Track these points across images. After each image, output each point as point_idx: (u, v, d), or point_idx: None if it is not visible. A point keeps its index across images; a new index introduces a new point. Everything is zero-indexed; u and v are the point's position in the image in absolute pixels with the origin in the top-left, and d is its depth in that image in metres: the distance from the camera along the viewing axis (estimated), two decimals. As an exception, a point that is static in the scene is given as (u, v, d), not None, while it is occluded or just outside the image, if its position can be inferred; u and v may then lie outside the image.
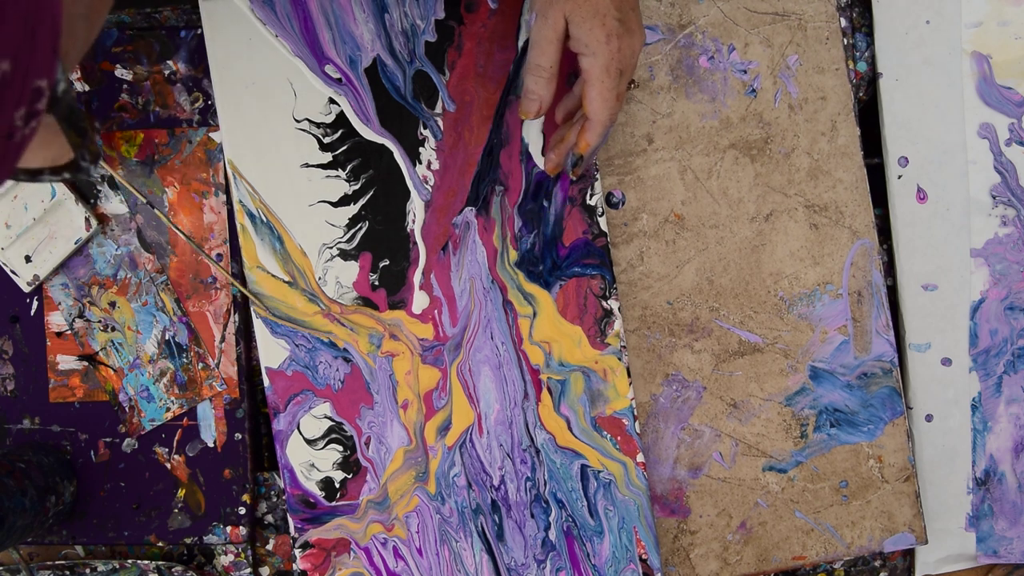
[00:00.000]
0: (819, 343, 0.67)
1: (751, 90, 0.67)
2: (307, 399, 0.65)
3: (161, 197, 0.68)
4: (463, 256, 0.64)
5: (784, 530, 0.67)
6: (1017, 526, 0.68)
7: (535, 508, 0.65)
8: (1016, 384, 0.68)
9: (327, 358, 0.65)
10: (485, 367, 0.65)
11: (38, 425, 0.69)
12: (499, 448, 0.65)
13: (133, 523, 0.69)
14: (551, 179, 0.64)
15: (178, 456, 0.68)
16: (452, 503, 0.65)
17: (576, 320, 0.65)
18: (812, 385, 0.67)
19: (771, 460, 0.67)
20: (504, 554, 0.65)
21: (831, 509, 0.67)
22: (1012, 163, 0.67)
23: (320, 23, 0.63)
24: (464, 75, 0.64)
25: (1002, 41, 0.67)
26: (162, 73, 0.67)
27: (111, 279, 0.68)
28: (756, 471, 0.67)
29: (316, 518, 0.65)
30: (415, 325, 0.65)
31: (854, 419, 0.67)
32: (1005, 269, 0.67)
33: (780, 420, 0.67)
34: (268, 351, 0.65)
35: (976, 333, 0.68)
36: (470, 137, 0.64)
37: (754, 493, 0.67)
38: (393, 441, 0.65)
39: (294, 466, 0.65)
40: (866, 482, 0.67)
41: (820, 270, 0.67)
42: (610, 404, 0.65)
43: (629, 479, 0.65)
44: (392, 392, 0.65)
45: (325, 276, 0.64)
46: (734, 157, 0.67)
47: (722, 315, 0.67)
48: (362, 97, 0.64)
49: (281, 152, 0.64)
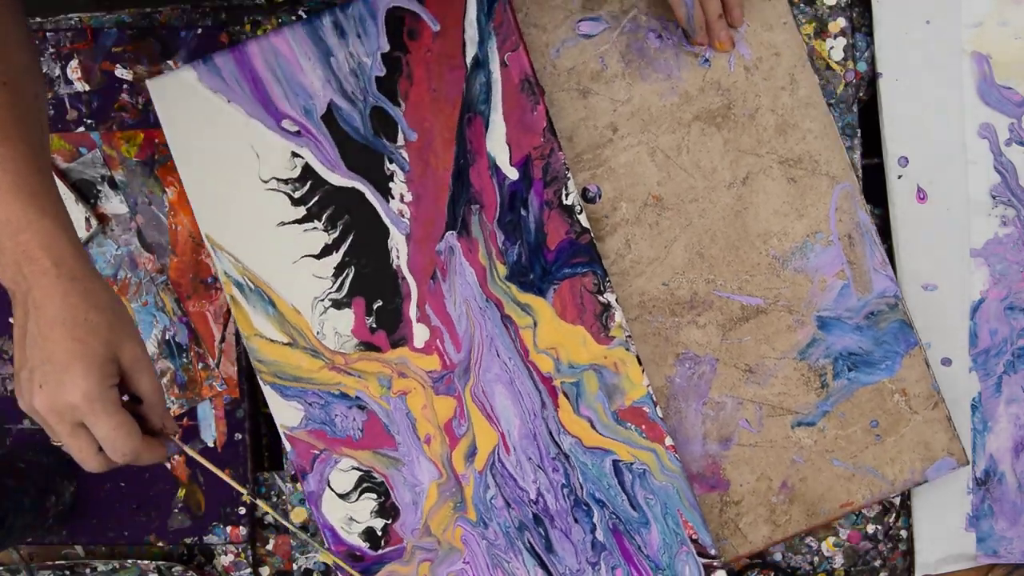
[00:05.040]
0: (820, 292, 0.67)
1: (704, 60, 0.67)
2: (331, 455, 0.64)
3: (161, 197, 0.67)
4: (453, 281, 0.64)
5: (826, 481, 0.67)
6: (1017, 526, 0.69)
7: (577, 513, 0.65)
8: (1016, 384, 0.68)
9: (342, 410, 0.64)
10: (497, 385, 0.64)
11: (38, 425, 0.67)
12: (528, 462, 0.65)
13: (133, 523, 0.69)
14: (525, 187, 0.64)
15: (178, 456, 0.69)
16: (495, 526, 0.65)
17: (576, 320, 0.64)
18: (822, 335, 0.67)
19: (798, 416, 0.67)
20: (557, 564, 0.65)
21: (867, 451, 0.67)
22: (1012, 163, 0.68)
23: (269, 80, 0.63)
24: (419, 102, 0.64)
25: (1002, 41, 0.67)
26: (162, 73, 0.67)
27: (111, 279, 0.68)
28: (786, 430, 0.67)
29: (366, 570, 0.65)
30: (420, 359, 0.64)
31: (870, 359, 0.67)
32: (1005, 269, 0.68)
33: (798, 375, 0.67)
34: (283, 414, 0.64)
35: (976, 333, 0.68)
36: (437, 162, 0.64)
37: (788, 451, 0.67)
38: (424, 477, 0.65)
39: (333, 524, 0.65)
40: (895, 417, 0.67)
41: (806, 221, 0.67)
42: (627, 395, 0.64)
43: (663, 465, 0.65)
44: (412, 430, 0.64)
45: (323, 329, 0.64)
46: (700, 129, 0.67)
47: (719, 285, 0.67)
48: (323, 145, 0.64)
49: (255, 216, 0.64)
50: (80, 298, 0.49)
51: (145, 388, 0.51)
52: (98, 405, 0.48)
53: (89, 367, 0.48)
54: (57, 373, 0.48)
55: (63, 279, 0.49)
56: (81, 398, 0.48)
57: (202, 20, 0.70)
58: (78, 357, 0.48)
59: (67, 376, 0.48)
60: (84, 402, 0.48)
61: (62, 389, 0.48)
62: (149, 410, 0.52)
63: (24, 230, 0.49)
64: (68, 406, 0.48)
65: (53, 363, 0.48)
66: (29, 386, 0.49)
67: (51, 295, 0.48)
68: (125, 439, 0.49)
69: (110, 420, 0.49)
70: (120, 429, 0.49)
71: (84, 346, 0.48)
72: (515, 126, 0.64)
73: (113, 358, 0.49)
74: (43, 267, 0.49)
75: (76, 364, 0.48)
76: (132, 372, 0.51)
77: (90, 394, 0.48)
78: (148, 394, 0.52)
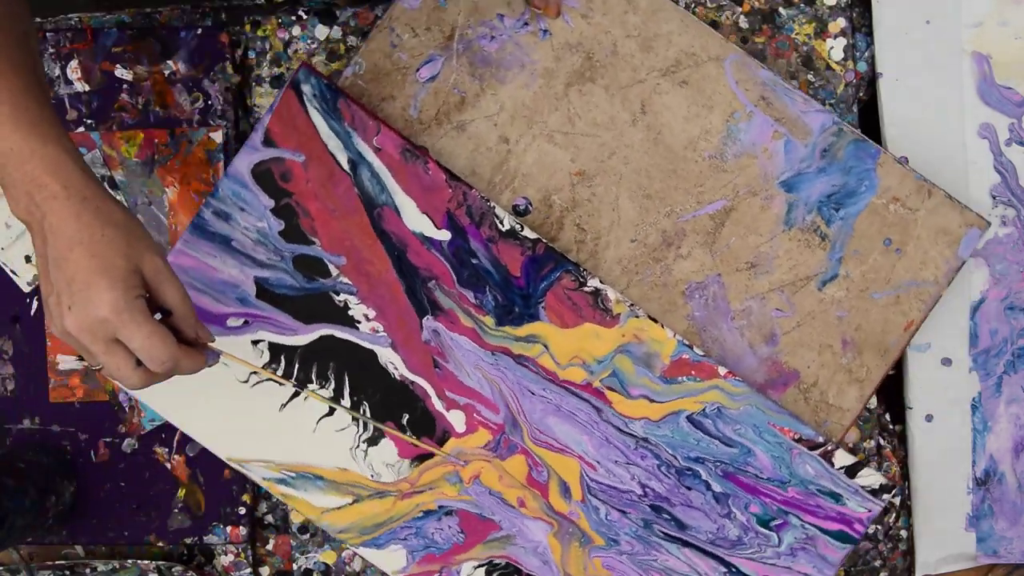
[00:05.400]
0: (769, 161, 0.67)
1: (544, 32, 0.66)
2: (450, 568, 0.65)
3: (161, 197, 0.68)
4: (455, 357, 0.65)
5: (878, 317, 0.67)
6: (1017, 526, 0.68)
7: (685, 481, 0.65)
8: (1016, 384, 0.68)
9: (434, 526, 0.65)
10: (548, 419, 0.65)
11: (38, 425, 0.69)
12: (616, 465, 0.65)
13: (133, 523, 0.69)
14: (462, 239, 0.64)
15: (178, 456, 0.69)
16: (625, 537, 0.65)
17: (578, 320, 0.65)
18: (794, 196, 0.67)
19: (818, 277, 0.67)
20: (697, 534, 0.65)
21: (897, 269, 0.67)
22: (1012, 163, 0.67)
23: (193, 296, 0.64)
24: (328, 229, 0.64)
25: (1002, 41, 0.67)
26: (162, 73, 0.68)
27: None
28: (815, 296, 0.67)
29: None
30: (471, 439, 0.65)
31: (848, 189, 0.67)
32: (1005, 269, 0.68)
33: (796, 243, 0.67)
34: (388, 562, 0.65)
35: (976, 333, 0.68)
36: (375, 269, 0.64)
37: (830, 312, 0.67)
38: (538, 535, 0.65)
39: (488, 624, 0.66)
40: (903, 225, 0.66)
41: (718, 110, 0.67)
42: (662, 354, 0.65)
43: (730, 393, 0.65)
44: (503, 503, 0.65)
45: (375, 470, 0.65)
46: (577, 92, 0.67)
47: (679, 212, 0.67)
48: (273, 319, 0.64)
49: (257, 415, 0.65)
50: (93, 216, 0.49)
51: (172, 298, 0.52)
52: (127, 315, 0.49)
53: (113, 280, 0.49)
54: (82, 291, 0.49)
55: (74, 200, 0.49)
56: (109, 311, 0.48)
57: (202, 20, 0.70)
58: (100, 272, 0.49)
59: (92, 292, 0.48)
60: (113, 314, 0.48)
61: (90, 306, 0.48)
62: (180, 321, 0.52)
63: (28, 159, 0.49)
64: (99, 321, 0.49)
65: (77, 282, 0.49)
66: (58, 310, 0.50)
67: (65, 218, 0.49)
68: (161, 346, 0.50)
69: (141, 329, 0.49)
70: (154, 336, 0.49)
71: (104, 261, 0.49)
72: (421, 195, 0.64)
73: (135, 270, 0.50)
74: (53, 192, 0.49)
75: (99, 279, 0.49)
76: (156, 283, 0.51)
77: (117, 305, 0.48)
78: (176, 304, 0.52)
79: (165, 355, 0.50)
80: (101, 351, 0.50)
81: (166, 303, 0.52)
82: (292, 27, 0.69)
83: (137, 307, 0.49)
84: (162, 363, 0.50)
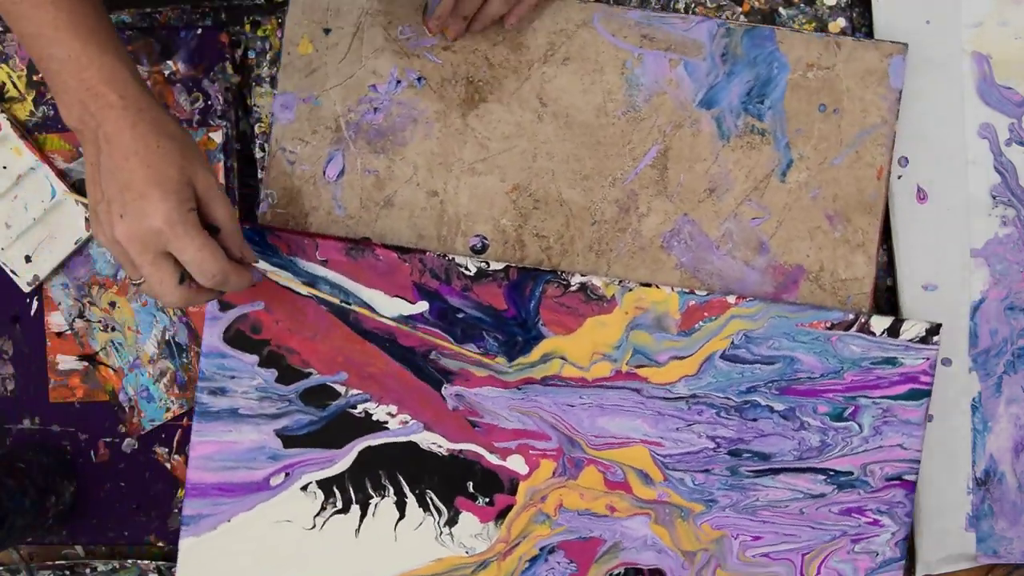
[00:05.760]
0: (677, 89, 0.67)
1: (419, 81, 0.67)
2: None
3: None
4: (486, 409, 0.65)
5: (847, 179, 0.66)
6: (1017, 526, 0.68)
7: (747, 415, 0.65)
8: (1016, 384, 0.67)
9: (544, 569, 0.65)
10: (597, 421, 0.65)
11: (38, 425, 0.70)
12: (679, 432, 0.65)
13: (133, 523, 0.69)
14: (439, 302, 0.64)
15: (178, 456, 0.69)
16: (719, 495, 0.65)
17: (580, 320, 0.65)
18: (716, 108, 0.67)
19: (776, 171, 0.67)
20: (781, 457, 0.65)
21: (842, 127, 0.66)
22: (1012, 163, 0.67)
23: (230, 480, 0.65)
24: (316, 355, 0.65)
25: (1002, 41, 0.67)
26: (162, 73, 0.68)
27: (111, 279, 0.69)
28: (781, 188, 0.67)
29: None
30: (539, 475, 0.65)
31: (762, 78, 0.66)
32: (1005, 269, 0.67)
33: (740, 151, 0.67)
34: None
35: (976, 333, 0.67)
36: (377, 368, 0.65)
37: (802, 196, 0.66)
38: (642, 530, 0.65)
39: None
40: (827, 85, 0.66)
41: (609, 67, 0.67)
42: (669, 312, 0.65)
43: (748, 316, 0.64)
44: (594, 515, 0.65)
45: (466, 546, 0.65)
46: (476, 118, 0.67)
47: (619, 176, 0.67)
48: (308, 459, 0.65)
49: (338, 551, 0.66)
50: (149, 127, 0.50)
51: (221, 216, 0.52)
52: (180, 228, 0.49)
53: (167, 191, 0.49)
54: (136, 200, 0.49)
55: (130, 111, 0.50)
56: (163, 221, 0.49)
57: (202, 20, 0.70)
58: (155, 183, 0.49)
59: (146, 202, 0.48)
60: (167, 225, 0.49)
61: (143, 215, 0.49)
62: (227, 239, 0.53)
63: (86, 67, 0.50)
64: (151, 231, 0.49)
65: (132, 190, 0.49)
66: (108, 218, 0.50)
67: (121, 127, 0.49)
68: (212, 259, 0.50)
69: (194, 241, 0.49)
70: (206, 249, 0.50)
71: (159, 172, 0.49)
72: (383, 282, 0.65)
73: (188, 183, 0.50)
74: (109, 101, 0.49)
75: (154, 189, 0.49)
76: (207, 199, 0.51)
77: (171, 217, 0.49)
78: (225, 222, 0.52)
79: (216, 268, 0.50)
80: (148, 262, 0.50)
81: (215, 220, 0.52)
82: (292, 27, 0.69)
83: (190, 219, 0.49)
84: (212, 276, 0.50)
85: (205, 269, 0.50)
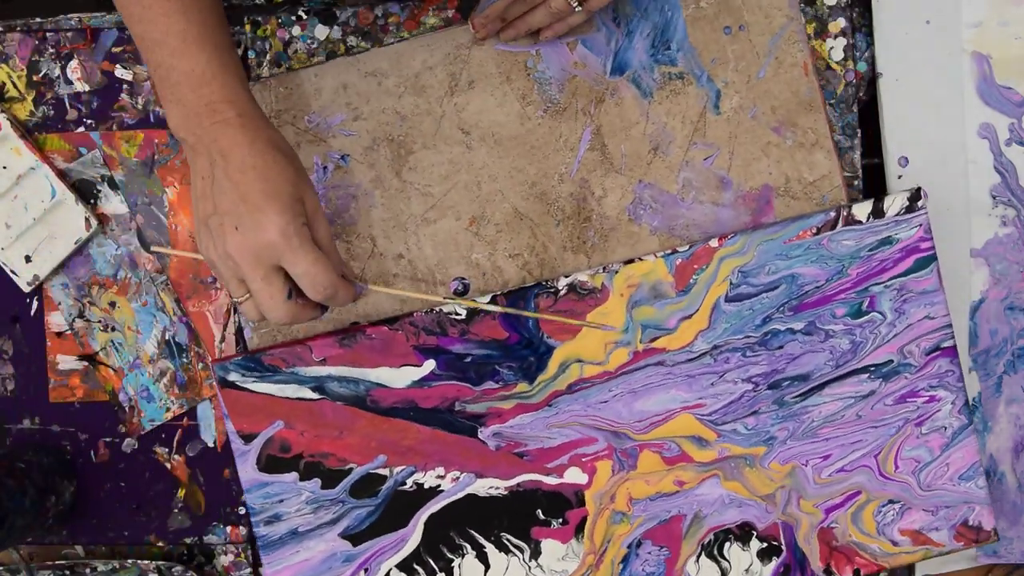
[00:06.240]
0: (586, 68, 0.67)
1: (344, 159, 0.67)
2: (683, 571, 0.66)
3: (161, 197, 0.68)
4: (526, 436, 0.65)
5: (779, 86, 0.66)
6: (1017, 526, 0.68)
7: (772, 344, 0.65)
8: (1016, 384, 0.68)
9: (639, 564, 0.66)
10: (634, 405, 0.65)
11: (38, 425, 0.70)
12: (714, 387, 0.65)
13: (133, 523, 0.69)
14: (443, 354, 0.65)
15: (178, 456, 0.69)
16: (775, 429, 0.65)
17: (581, 318, 0.65)
18: (628, 72, 0.67)
19: (707, 106, 0.67)
20: (820, 371, 0.65)
21: (753, 41, 0.66)
22: (1012, 163, 0.67)
23: None
24: (349, 449, 0.65)
25: (1002, 41, 0.67)
26: None
27: (111, 279, 0.69)
28: (719, 120, 0.67)
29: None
30: (599, 479, 0.65)
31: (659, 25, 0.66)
32: (1005, 269, 0.67)
33: (666, 101, 0.66)
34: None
35: (976, 333, 0.68)
36: (410, 439, 0.65)
37: (742, 119, 0.67)
38: (716, 491, 0.65)
39: None
40: (724, 7, 0.66)
41: (514, 74, 0.67)
42: (662, 278, 0.64)
43: (736, 252, 0.64)
44: (667, 496, 0.66)
45: (557, 571, 0.66)
46: (410, 171, 0.67)
47: (564, 170, 0.67)
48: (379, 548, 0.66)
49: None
50: (266, 144, 0.51)
51: (323, 236, 0.53)
52: (295, 241, 0.49)
53: (284, 206, 0.49)
54: (252, 214, 0.49)
55: (248, 129, 0.51)
56: (279, 234, 0.49)
57: None
58: (272, 197, 0.49)
59: (263, 216, 0.49)
60: (282, 238, 0.49)
61: (259, 228, 0.49)
62: (329, 257, 0.53)
63: (208, 83, 0.50)
64: (266, 245, 0.49)
65: (248, 204, 0.49)
66: (220, 231, 0.50)
67: (239, 143, 0.50)
68: (324, 272, 0.50)
69: (308, 255, 0.50)
70: (319, 263, 0.50)
71: (276, 187, 0.50)
72: (384, 357, 0.65)
73: (300, 199, 0.51)
74: (226, 118, 0.50)
75: (271, 204, 0.49)
76: (313, 218, 0.52)
77: (287, 230, 0.49)
78: (326, 243, 0.53)
79: (327, 281, 0.51)
80: (260, 276, 0.50)
81: (318, 239, 0.52)
82: (292, 27, 0.68)
83: (304, 233, 0.50)
84: (324, 289, 0.51)
85: (318, 282, 0.50)
